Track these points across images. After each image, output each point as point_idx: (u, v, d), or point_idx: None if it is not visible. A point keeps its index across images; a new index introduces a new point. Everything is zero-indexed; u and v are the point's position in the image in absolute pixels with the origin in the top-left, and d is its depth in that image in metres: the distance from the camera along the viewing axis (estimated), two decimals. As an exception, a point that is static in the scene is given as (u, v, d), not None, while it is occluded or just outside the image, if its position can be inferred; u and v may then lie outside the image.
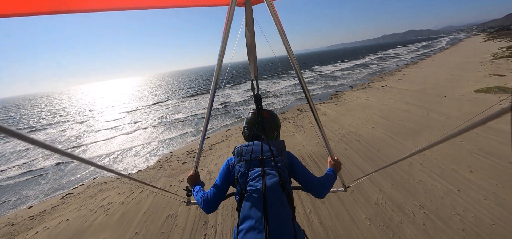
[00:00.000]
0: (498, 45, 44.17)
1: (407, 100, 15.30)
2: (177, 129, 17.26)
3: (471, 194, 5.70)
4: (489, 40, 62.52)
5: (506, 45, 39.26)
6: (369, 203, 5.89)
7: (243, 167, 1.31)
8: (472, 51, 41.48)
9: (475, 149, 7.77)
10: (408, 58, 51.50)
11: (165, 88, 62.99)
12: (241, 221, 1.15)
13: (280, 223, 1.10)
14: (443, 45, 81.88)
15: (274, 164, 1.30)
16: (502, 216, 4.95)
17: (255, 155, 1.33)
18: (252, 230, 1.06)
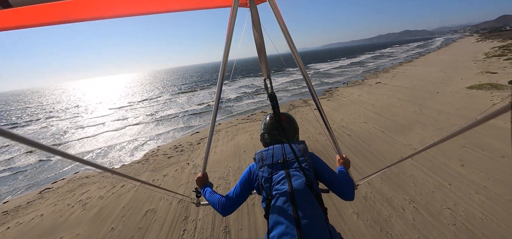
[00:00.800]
0: (490, 45, 44.72)
1: (399, 96, 15.17)
2: (167, 125, 16.83)
3: (462, 188, 5.50)
4: (482, 40, 63.33)
5: (498, 45, 39.73)
6: (357, 197, 5.62)
7: (266, 172, 1.25)
8: (465, 51, 41.89)
9: (467, 143, 7.59)
10: (403, 57, 51.82)
11: (158, 85, 62.12)
12: (271, 228, 1.07)
13: (313, 226, 1.02)
14: (437, 45, 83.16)
15: (298, 165, 1.24)
16: (493, 211, 4.75)
17: (276, 158, 1.27)
18: (284, 236, 0.98)
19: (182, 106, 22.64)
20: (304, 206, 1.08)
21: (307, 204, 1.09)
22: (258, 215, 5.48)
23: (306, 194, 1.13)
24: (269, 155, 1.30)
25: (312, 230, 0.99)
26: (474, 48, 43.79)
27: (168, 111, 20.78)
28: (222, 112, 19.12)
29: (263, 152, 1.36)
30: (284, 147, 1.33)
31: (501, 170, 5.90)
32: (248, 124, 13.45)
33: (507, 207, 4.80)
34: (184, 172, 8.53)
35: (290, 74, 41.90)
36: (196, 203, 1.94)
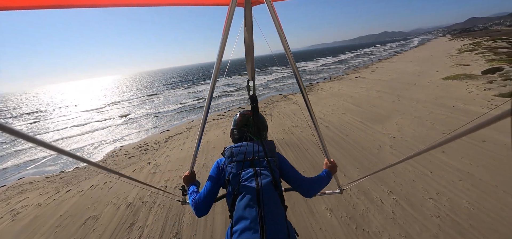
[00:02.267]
0: (461, 43, 47.00)
1: (378, 88, 14.95)
2: (137, 125, 15.49)
3: (444, 176, 4.95)
4: (453, 39, 66.92)
5: (468, 42, 41.72)
6: None
7: (235, 168, 1.24)
8: (439, 48, 43.64)
9: (446, 130, 7.19)
10: (383, 55, 53.07)
11: (138, 86, 59.39)
12: (235, 222, 1.09)
13: (275, 222, 1.07)
14: (414, 44, 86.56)
15: (266, 164, 1.25)
16: (479, 199, 4.20)
17: (247, 155, 1.26)
18: (248, 230, 1.03)
19: (157, 106, 21.21)
20: (268, 203, 1.10)
21: (271, 202, 1.12)
22: (217, 219, 4.61)
23: (271, 193, 1.15)
24: (241, 152, 1.28)
25: (273, 227, 1.04)
26: (447, 46, 45.77)
27: (141, 111, 19.30)
28: (200, 111, 18.05)
29: (234, 148, 1.33)
30: (254, 146, 1.32)
31: (483, 155, 5.45)
32: (223, 120, 12.54)
33: (494, 194, 4.28)
34: (142, 173, 7.46)
35: (273, 73, 41.45)
36: (181, 201, 1.80)
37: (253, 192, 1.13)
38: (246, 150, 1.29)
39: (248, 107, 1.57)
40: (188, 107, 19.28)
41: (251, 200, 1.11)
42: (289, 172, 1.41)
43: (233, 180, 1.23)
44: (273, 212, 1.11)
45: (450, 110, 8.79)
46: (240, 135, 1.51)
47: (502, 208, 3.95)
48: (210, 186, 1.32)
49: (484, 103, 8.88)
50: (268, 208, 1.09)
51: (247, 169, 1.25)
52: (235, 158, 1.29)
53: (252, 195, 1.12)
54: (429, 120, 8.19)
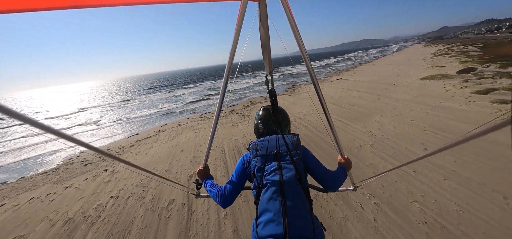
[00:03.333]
0: (435, 48, 49.40)
1: (359, 88, 14.80)
2: (103, 131, 14.17)
3: (429, 175, 4.46)
4: (428, 46, 70.52)
5: (442, 48, 43.83)
6: None
7: (259, 162, 1.23)
8: (416, 53, 45.53)
9: (427, 127, 6.85)
10: (365, 59, 54.49)
11: (117, 91, 56.62)
12: (260, 214, 1.12)
13: (298, 215, 1.07)
14: (394, 50, 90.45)
15: (290, 158, 1.23)
16: (469, 199, 3.70)
17: (270, 149, 1.26)
18: (271, 223, 1.04)
19: (131, 111, 19.88)
20: (291, 196, 1.09)
21: (294, 195, 1.11)
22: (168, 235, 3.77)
23: (294, 186, 1.14)
24: (264, 146, 1.28)
25: (297, 219, 1.04)
26: (423, 51, 47.87)
27: (113, 117, 17.93)
28: (173, 115, 17.00)
29: (258, 142, 1.32)
30: (278, 139, 1.31)
31: (466, 151, 5.05)
32: (198, 123, 11.68)
33: (482, 192, 3.81)
34: (95, 182, 6.44)
35: (256, 76, 41.05)
36: (196, 194, 1.74)
37: (276, 185, 1.13)
38: (268, 144, 1.28)
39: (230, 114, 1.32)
40: (164, 111, 18.15)
41: (274, 193, 1.11)
42: (314, 165, 1.36)
43: (257, 173, 1.22)
44: (297, 205, 1.09)
45: (429, 107, 8.55)
46: (265, 128, 1.49)
47: (493, 209, 3.47)
48: (236, 179, 1.32)
49: (462, 100, 8.74)
50: (291, 202, 1.09)
51: (270, 163, 1.24)
52: (259, 152, 1.27)
53: (275, 188, 1.12)
54: (409, 117, 7.86)
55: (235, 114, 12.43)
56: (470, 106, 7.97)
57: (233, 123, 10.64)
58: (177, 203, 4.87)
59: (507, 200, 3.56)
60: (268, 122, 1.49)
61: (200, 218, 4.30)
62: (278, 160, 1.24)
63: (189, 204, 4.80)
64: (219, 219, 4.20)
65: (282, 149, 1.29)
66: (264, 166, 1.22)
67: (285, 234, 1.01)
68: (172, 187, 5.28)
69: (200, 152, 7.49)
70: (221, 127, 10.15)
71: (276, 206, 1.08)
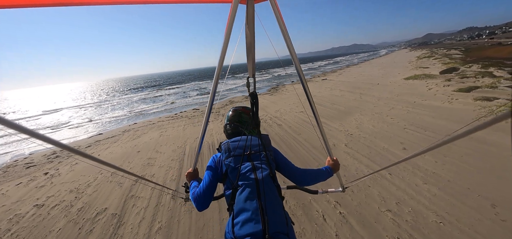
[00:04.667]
0: (420, 52, 50.39)
1: (342, 88, 14.32)
2: (66, 132, 12.94)
3: (406, 178, 3.79)
4: (413, 50, 72.26)
5: (426, 51, 44.70)
6: None
7: (233, 162, 1.24)
8: (402, 57, 46.25)
9: (408, 125, 6.26)
10: (354, 62, 54.81)
11: (97, 92, 54.31)
12: (236, 214, 1.10)
13: (275, 212, 1.09)
14: (382, 54, 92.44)
15: (264, 158, 1.26)
16: (451, 207, 3.03)
17: (242, 150, 1.27)
18: (249, 222, 1.04)
19: (104, 112, 18.58)
20: (268, 195, 1.11)
21: (270, 194, 1.13)
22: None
23: (270, 185, 1.16)
24: (238, 147, 1.28)
25: (274, 217, 1.06)
26: (408, 55, 48.72)
27: (82, 118, 16.58)
28: (148, 114, 15.92)
29: (230, 143, 1.32)
30: (249, 140, 1.32)
31: (450, 150, 4.43)
32: (168, 122, 10.76)
33: (467, 199, 3.15)
34: (27, 187, 5.47)
35: (237, 78, 40.35)
36: (185, 198, 1.70)
37: (253, 185, 1.13)
38: (245, 144, 1.28)
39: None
40: (138, 111, 16.99)
41: (251, 192, 1.11)
42: (284, 164, 1.40)
43: (231, 174, 1.22)
44: (272, 203, 1.12)
45: (411, 106, 8.03)
46: (233, 130, 1.49)
47: (479, 220, 2.81)
48: (209, 179, 1.29)
49: (444, 98, 8.28)
50: (268, 200, 1.11)
51: (245, 163, 1.23)
52: (232, 153, 1.27)
53: (252, 188, 1.13)
54: (390, 116, 7.28)
55: (210, 113, 11.57)
56: (452, 104, 7.49)
57: (199, 123, 9.79)
58: (108, 214, 3.99)
59: (496, 209, 2.91)
60: (236, 124, 1.48)
61: (127, 233, 3.44)
62: (251, 160, 1.24)
63: (121, 214, 3.92)
64: (150, 234, 3.35)
65: (254, 149, 1.29)
66: (239, 167, 1.21)
67: (264, 231, 1.01)
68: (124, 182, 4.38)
69: (158, 153, 6.59)
70: (191, 126, 9.28)
71: (254, 205, 1.07)
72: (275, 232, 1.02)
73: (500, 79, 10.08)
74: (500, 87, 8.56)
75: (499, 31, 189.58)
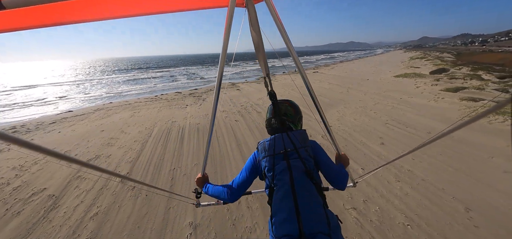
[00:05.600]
0: (414, 54, 50.65)
1: (331, 81, 14.03)
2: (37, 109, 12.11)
3: (378, 173, 3.44)
4: (408, 52, 72.74)
5: (419, 53, 44.92)
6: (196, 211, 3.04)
7: (269, 162, 1.20)
8: (396, 57, 46.25)
9: (390, 120, 5.97)
10: (350, 58, 54.53)
11: (80, 72, 52.20)
12: (274, 214, 1.10)
13: (312, 212, 1.04)
14: (378, 53, 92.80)
15: (298, 156, 1.18)
16: (422, 209, 2.72)
17: (278, 149, 1.21)
18: (285, 222, 1.02)
19: (83, 90, 17.62)
20: (303, 194, 1.07)
21: (306, 193, 1.08)
22: None
23: (305, 183, 1.11)
24: (271, 146, 1.23)
25: (310, 217, 1.02)
26: (402, 56, 48.81)
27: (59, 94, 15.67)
28: (125, 95, 15.18)
29: (266, 142, 1.28)
30: (283, 137, 1.25)
31: (428, 148, 4.11)
32: (145, 103, 10.25)
33: (440, 201, 2.84)
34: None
35: (236, 66, 39.51)
36: (196, 204, 1.65)
37: (287, 184, 1.10)
38: (275, 143, 1.23)
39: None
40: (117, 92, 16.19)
41: (285, 192, 1.08)
42: (323, 162, 1.27)
43: (268, 173, 1.18)
44: (309, 202, 1.06)
45: (396, 102, 7.75)
46: (271, 127, 1.38)
47: (450, 224, 2.51)
48: (246, 175, 1.29)
49: (430, 97, 8.04)
50: (303, 199, 1.06)
51: (280, 162, 1.18)
52: (267, 153, 1.23)
53: (286, 188, 1.09)
54: (373, 110, 6.97)
55: (192, 97, 11.04)
56: (438, 102, 7.24)
57: (183, 105, 9.27)
58: (44, 195, 3.54)
59: (470, 213, 2.60)
60: (283, 117, 1.36)
61: (58, 217, 3.00)
62: (287, 158, 1.19)
63: (59, 196, 3.46)
64: (83, 219, 2.91)
65: (289, 147, 1.22)
66: (274, 166, 1.17)
67: (300, 232, 0.98)
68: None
69: (123, 133, 6.07)
70: (167, 108, 8.75)
71: (289, 205, 1.04)
72: (312, 233, 0.98)
73: (487, 82, 9.94)
74: (487, 89, 8.38)
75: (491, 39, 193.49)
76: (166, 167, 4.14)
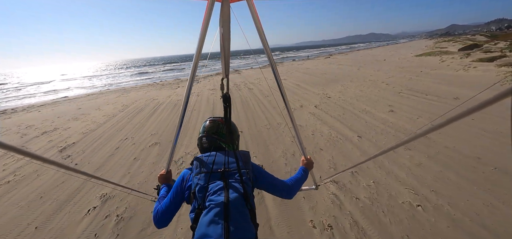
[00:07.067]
0: (441, 39, 46.66)
1: (342, 63, 12.79)
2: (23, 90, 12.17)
3: (378, 139, 2.47)
4: (434, 39, 67.49)
5: (448, 39, 41.26)
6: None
7: (203, 179, 0.99)
8: (420, 43, 42.84)
9: (404, 90, 4.91)
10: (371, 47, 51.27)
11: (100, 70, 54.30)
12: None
13: None
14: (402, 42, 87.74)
15: (239, 177, 1.02)
16: (441, 184, 1.74)
17: (217, 166, 1.03)
18: None
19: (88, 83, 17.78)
20: (236, 219, 0.90)
21: (239, 219, 0.92)
22: None
23: (241, 208, 0.94)
24: (210, 162, 1.05)
25: None
26: (427, 42, 45.04)
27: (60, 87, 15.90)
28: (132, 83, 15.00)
29: (204, 157, 1.07)
30: (227, 155, 1.09)
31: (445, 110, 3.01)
32: (141, 87, 9.91)
33: (474, 175, 1.83)
34: None
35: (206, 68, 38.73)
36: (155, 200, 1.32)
37: (220, 206, 0.91)
38: (214, 160, 1.05)
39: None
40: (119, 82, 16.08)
41: (217, 215, 0.89)
42: (267, 180, 1.14)
43: (199, 193, 0.97)
44: (241, 229, 0.89)
45: (415, 74, 6.54)
46: (209, 143, 1.17)
47: (492, 206, 1.52)
48: (172, 198, 1.06)
49: (458, 68, 6.69)
50: (235, 226, 0.88)
51: (215, 181, 1.00)
52: (203, 169, 1.03)
53: (218, 210, 0.90)
54: (385, 82, 5.89)
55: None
56: (468, 72, 5.94)
57: (175, 87, 8.73)
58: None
59: None
60: (213, 136, 1.17)
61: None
62: (225, 178, 1.00)
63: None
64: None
65: (231, 167, 1.04)
66: (208, 185, 0.97)
67: None
68: None
69: (98, 110, 5.61)
70: (157, 90, 8.20)
71: (218, 231, 0.86)
72: None
73: (533, 52, 8.22)
74: (533, 58, 6.82)
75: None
76: (117, 137, 3.49)
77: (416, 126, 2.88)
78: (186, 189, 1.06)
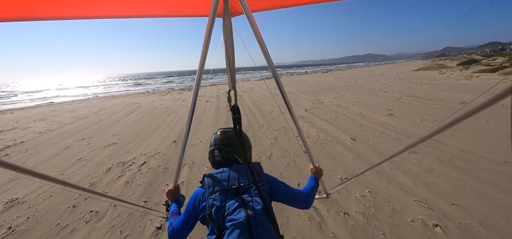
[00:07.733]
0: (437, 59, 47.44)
1: (339, 76, 12.61)
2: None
3: (377, 143, 1.99)
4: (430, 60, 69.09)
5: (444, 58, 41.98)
6: None
7: (218, 199, 0.86)
8: (416, 63, 43.44)
9: (404, 96, 4.51)
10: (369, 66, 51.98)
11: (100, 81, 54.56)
12: None
13: None
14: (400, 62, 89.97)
15: (255, 190, 0.90)
16: (462, 195, 1.23)
17: (231, 182, 0.90)
18: None
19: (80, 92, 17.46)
20: (263, 236, 0.79)
21: (265, 233, 0.80)
22: None
23: (264, 222, 0.83)
24: (223, 179, 0.92)
25: None
26: (423, 61, 45.74)
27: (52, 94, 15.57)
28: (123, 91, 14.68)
29: (216, 175, 0.94)
30: (239, 169, 0.95)
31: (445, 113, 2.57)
32: (128, 95, 9.44)
33: (501, 182, 1.33)
34: None
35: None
36: (166, 218, 1.35)
37: (243, 225, 0.79)
38: (228, 177, 0.92)
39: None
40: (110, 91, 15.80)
41: (241, 234, 0.77)
42: (283, 190, 0.99)
43: (216, 215, 0.84)
44: None
45: (414, 84, 6.20)
46: (222, 156, 1.03)
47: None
48: (186, 219, 0.95)
49: (460, 78, 6.37)
50: None
51: (232, 199, 0.87)
52: (217, 187, 0.90)
53: (242, 229, 0.79)
54: (383, 90, 5.51)
55: (180, 90, 10.14)
56: (471, 80, 5.60)
57: (164, 94, 8.36)
58: None
59: None
60: (225, 148, 1.03)
61: None
62: (240, 194, 0.89)
63: None
64: None
65: (243, 182, 0.92)
66: (224, 204, 0.85)
67: None
68: None
69: (71, 112, 5.08)
70: (143, 96, 7.81)
71: None
72: None
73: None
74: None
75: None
76: (74, 138, 3.14)
77: (421, 128, 2.43)
78: (200, 211, 0.96)
